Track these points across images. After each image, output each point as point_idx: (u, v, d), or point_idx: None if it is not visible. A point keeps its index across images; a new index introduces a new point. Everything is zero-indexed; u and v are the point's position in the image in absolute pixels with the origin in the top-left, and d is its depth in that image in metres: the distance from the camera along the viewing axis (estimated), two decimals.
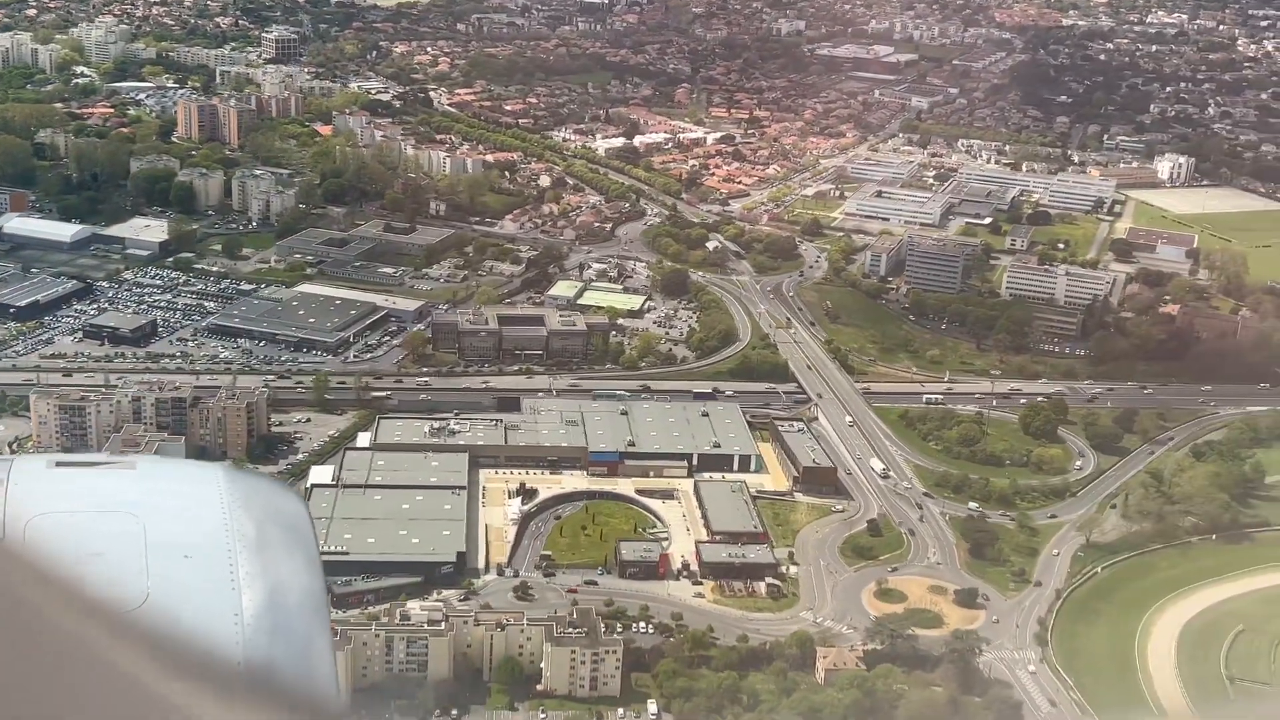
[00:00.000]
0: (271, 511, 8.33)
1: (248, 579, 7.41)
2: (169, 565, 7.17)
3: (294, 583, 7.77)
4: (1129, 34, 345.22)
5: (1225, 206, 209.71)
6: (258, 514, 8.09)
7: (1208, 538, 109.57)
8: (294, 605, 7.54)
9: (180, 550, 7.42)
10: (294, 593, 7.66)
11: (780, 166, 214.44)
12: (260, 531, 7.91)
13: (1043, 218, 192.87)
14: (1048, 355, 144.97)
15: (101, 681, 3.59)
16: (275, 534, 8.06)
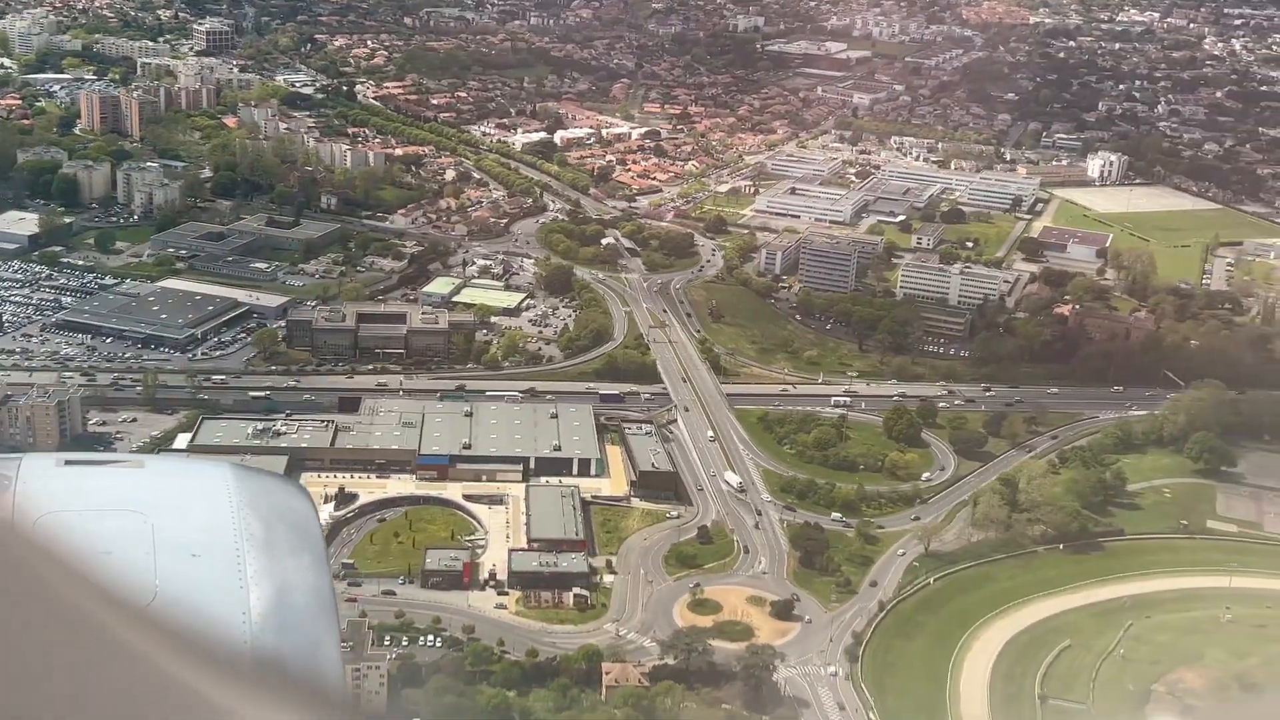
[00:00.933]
0: (279, 510, 8.33)
1: (255, 577, 7.40)
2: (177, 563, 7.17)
3: (301, 581, 7.78)
4: (1095, 32, 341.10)
5: (1153, 205, 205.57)
6: (265, 512, 8.10)
7: (1055, 548, 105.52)
8: (301, 603, 7.55)
9: (188, 549, 7.43)
10: (301, 591, 7.68)
11: (701, 163, 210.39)
12: (268, 530, 7.91)
13: (957, 216, 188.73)
14: (932, 357, 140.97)
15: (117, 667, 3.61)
16: (283, 532, 8.06)
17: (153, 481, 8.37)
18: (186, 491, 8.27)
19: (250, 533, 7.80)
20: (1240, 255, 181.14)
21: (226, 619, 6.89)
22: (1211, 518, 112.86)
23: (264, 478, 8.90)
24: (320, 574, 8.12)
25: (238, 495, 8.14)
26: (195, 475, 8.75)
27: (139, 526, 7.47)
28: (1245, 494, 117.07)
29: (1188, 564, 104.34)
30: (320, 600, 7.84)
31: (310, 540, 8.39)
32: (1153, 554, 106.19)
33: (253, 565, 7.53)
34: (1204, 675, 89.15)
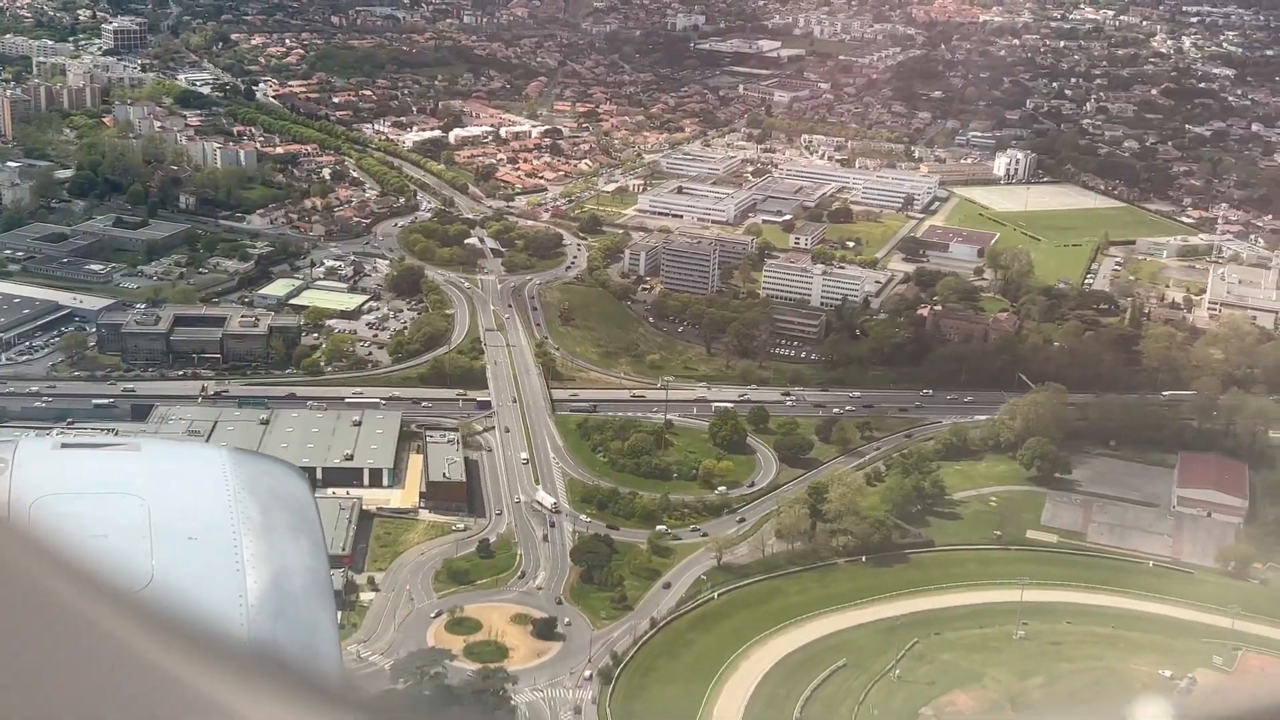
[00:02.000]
0: (276, 493, 8.26)
1: (252, 561, 7.36)
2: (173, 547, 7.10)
3: (299, 565, 7.73)
4: (1043, 30, 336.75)
5: (1055, 204, 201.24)
6: (263, 496, 8.03)
7: (857, 560, 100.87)
8: (299, 587, 7.52)
9: (185, 532, 7.37)
10: (299, 575, 7.63)
11: (596, 161, 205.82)
12: (265, 514, 7.84)
13: (844, 215, 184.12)
14: (782, 360, 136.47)
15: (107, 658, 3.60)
16: (280, 516, 7.99)
17: (149, 465, 8.27)
18: (183, 475, 8.19)
19: (247, 516, 7.73)
20: (1130, 255, 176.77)
21: (223, 603, 6.81)
22: (1034, 528, 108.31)
23: (261, 461, 8.85)
24: (317, 558, 8.05)
25: (234, 479, 8.06)
26: (192, 458, 8.72)
27: (135, 510, 7.39)
28: (1075, 502, 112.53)
29: (993, 577, 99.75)
30: (317, 584, 7.79)
31: (307, 524, 8.31)
32: (959, 566, 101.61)
33: (249, 549, 7.47)
34: (978, 697, 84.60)
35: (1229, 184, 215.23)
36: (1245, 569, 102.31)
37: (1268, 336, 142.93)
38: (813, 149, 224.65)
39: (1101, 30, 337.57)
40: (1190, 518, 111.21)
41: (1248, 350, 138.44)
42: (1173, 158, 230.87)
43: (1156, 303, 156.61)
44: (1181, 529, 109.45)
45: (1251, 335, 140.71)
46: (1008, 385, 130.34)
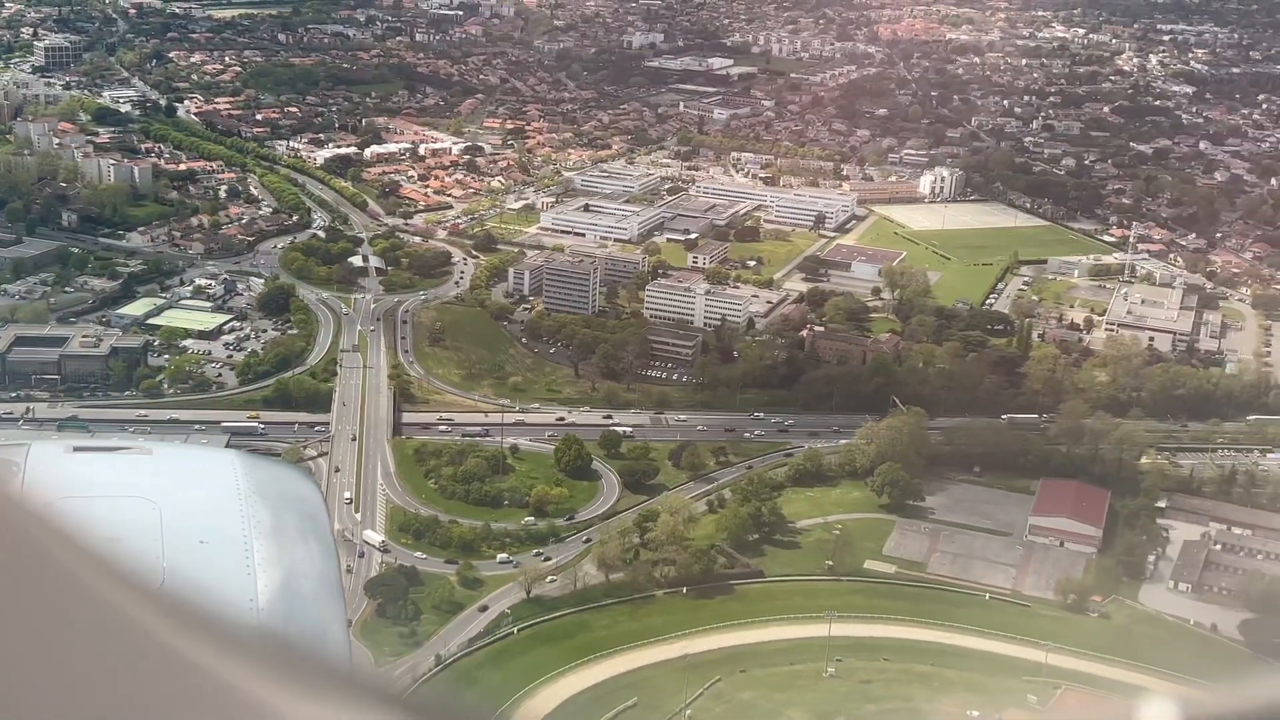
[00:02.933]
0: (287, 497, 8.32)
1: (263, 564, 7.37)
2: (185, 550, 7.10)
3: (309, 568, 7.77)
4: (1007, 48, 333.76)
5: (976, 222, 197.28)
6: (273, 500, 8.04)
7: (678, 591, 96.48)
8: (309, 590, 7.54)
9: (196, 535, 7.39)
10: (309, 578, 7.66)
11: (510, 179, 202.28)
12: (276, 517, 7.85)
13: (751, 234, 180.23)
14: (652, 382, 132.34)
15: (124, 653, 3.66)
16: (290, 519, 8.02)
17: (161, 468, 8.27)
18: (194, 478, 8.21)
19: (258, 520, 7.72)
20: (1040, 274, 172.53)
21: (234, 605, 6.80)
22: (874, 558, 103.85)
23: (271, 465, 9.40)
24: (327, 561, 8.06)
25: (245, 483, 8.05)
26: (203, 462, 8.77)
27: (147, 513, 7.37)
28: (924, 531, 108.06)
29: (818, 610, 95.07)
30: (327, 587, 7.82)
31: (317, 527, 8.34)
32: (785, 599, 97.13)
33: (260, 552, 7.48)
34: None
35: (1161, 202, 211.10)
36: (1084, 602, 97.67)
37: (1156, 358, 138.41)
38: (739, 167, 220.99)
39: (1067, 48, 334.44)
40: (1042, 547, 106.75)
41: (1133, 372, 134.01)
42: (1109, 175, 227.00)
43: (1055, 324, 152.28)
44: (1030, 559, 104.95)
45: (1139, 357, 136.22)
46: (882, 409, 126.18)
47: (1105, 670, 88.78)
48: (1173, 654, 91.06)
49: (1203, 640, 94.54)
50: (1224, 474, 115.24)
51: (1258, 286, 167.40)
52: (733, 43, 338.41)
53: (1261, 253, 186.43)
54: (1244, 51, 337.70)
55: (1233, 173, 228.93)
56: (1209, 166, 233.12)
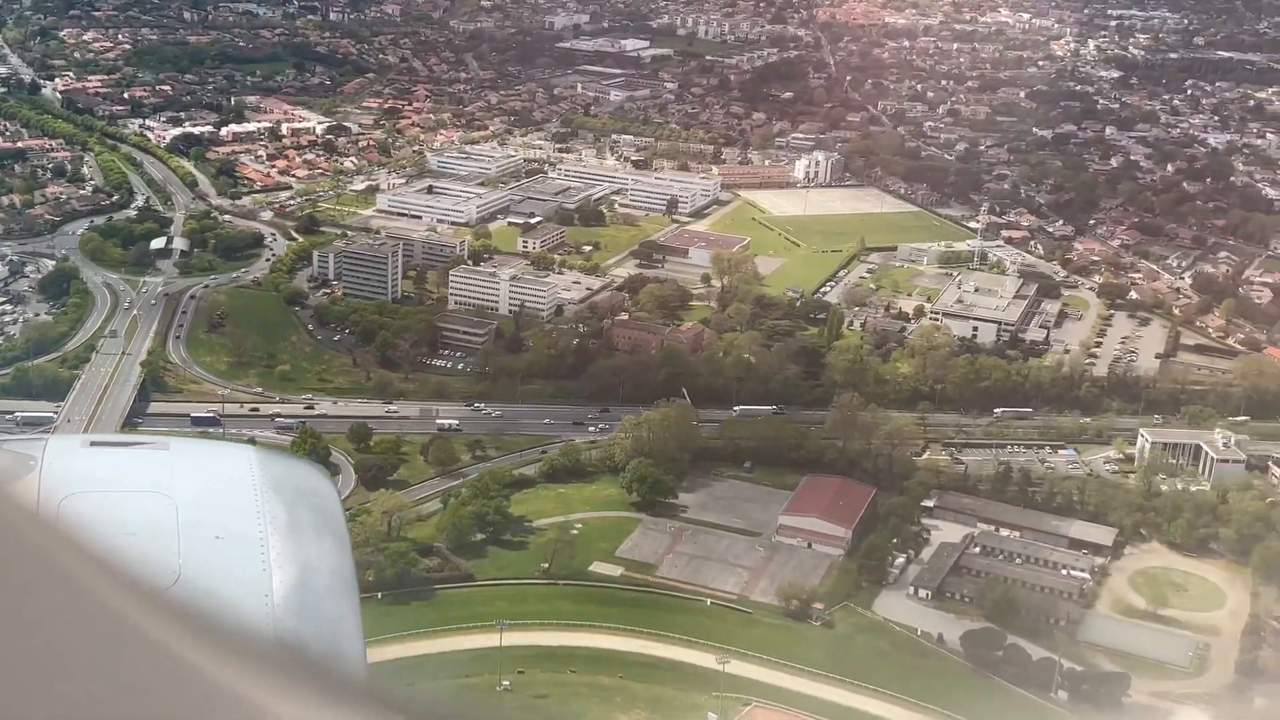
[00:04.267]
0: (302, 493, 8.30)
1: (278, 560, 7.41)
2: (200, 546, 7.19)
3: (324, 564, 7.76)
4: (943, 32, 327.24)
5: (843, 208, 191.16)
6: (289, 495, 8.07)
7: (372, 596, 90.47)
8: (324, 587, 7.55)
9: (212, 531, 7.45)
10: (324, 574, 7.67)
11: (366, 159, 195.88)
12: (291, 513, 7.89)
13: (597, 218, 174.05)
14: (435, 371, 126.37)
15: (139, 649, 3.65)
16: (306, 515, 8.04)
17: (177, 463, 8.32)
18: (210, 474, 8.26)
19: (273, 516, 7.77)
20: (886, 261, 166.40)
21: (249, 601, 6.79)
22: (605, 559, 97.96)
23: (287, 461, 9.02)
24: (343, 557, 8.08)
25: (261, 478, 8.12)
26: (219, 458, 8.78)
27: (163, 508, 7.40)
28: (668, 531, 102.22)
29: (524, 616, 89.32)
30: (343, 583, 7.81)
31: (333, 524, 8.35)
32: (488, 605, 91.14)
33: (275, 548, 7.51)
34: None
35: (1043, 188, 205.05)
36: (806, 609, 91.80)
37: (968, 349, 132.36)
38: (615, 150, 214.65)
39: (1004, 33, 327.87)
40: (788, 549, 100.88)
41: (940, 364, 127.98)
42: (998, 161, 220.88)
43: (882, 313, 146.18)
44: (770, 562, 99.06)
45: (946, 348, 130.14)
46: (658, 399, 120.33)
47: (804, 684, 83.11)
48: (885, 667, 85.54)
49: (922, 652, 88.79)
50: (999, 472, 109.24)
51: (1108, 275, 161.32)
52: (660, 25, 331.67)
53: (1130, 240, 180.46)
54: (1187, 37, 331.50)
55: (1130, 159, 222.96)
56: (1107, 152, 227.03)
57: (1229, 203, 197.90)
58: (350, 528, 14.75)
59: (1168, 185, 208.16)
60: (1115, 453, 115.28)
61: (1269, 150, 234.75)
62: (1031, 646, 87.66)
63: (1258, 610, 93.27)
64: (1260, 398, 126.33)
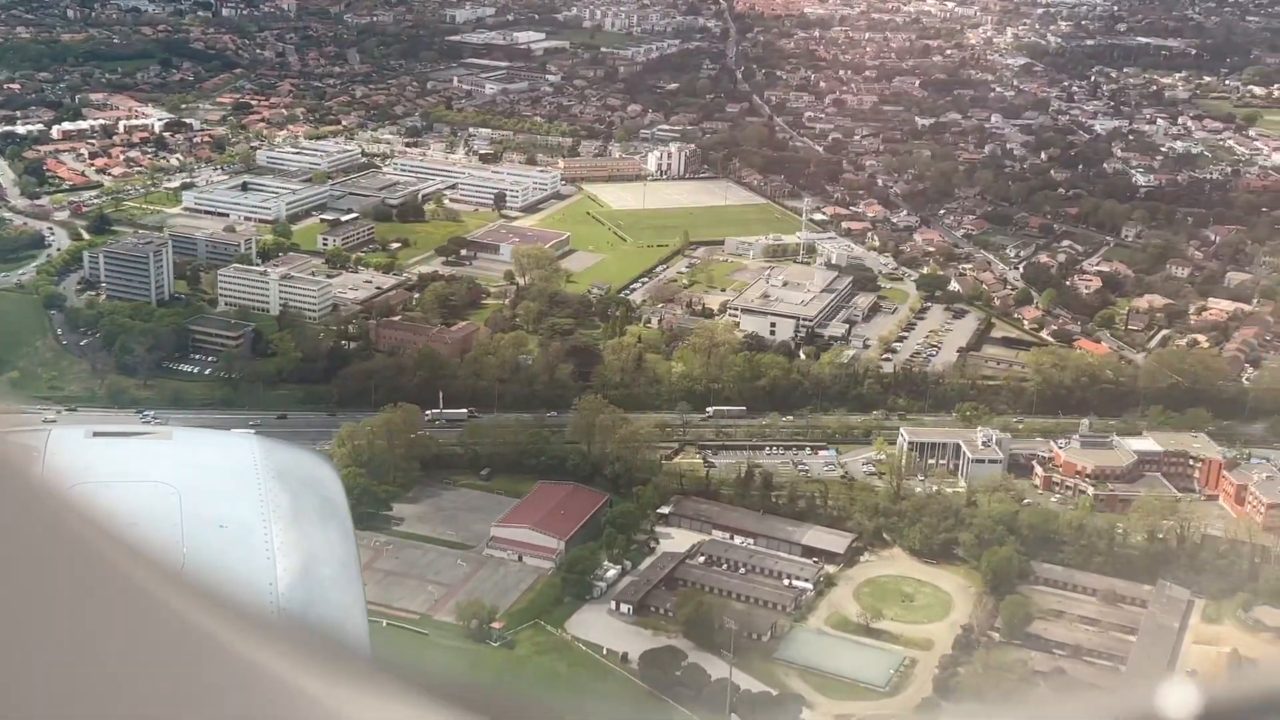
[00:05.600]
0: (306, 481, 8.39)
1: (282, 549, 7.43)
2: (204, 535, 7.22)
3: (328, 553, 7.79)
4: (859, 23, 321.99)
5: (688, 201, 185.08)
6: (293, 484, 8.13)
7: None
8: (328, 575, 7.59)
9: (216, 520, 7.50)
10: (328, 562, 7.68)
11: (197, 156, 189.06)
12: (295, 501, 7.93)
13: (415, 213, 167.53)
14: (176, 376, 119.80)
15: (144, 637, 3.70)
16: (310, 504, 8.11)
17: (181, 453, 8.35)
18: (214, 463, 8.25)
19: (277, 504, 7.80)
20: (710, 255, 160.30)
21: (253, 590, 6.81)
22: None
23: (291, 450, 8.92)
24: (347, 546, 8.09)
25: (265, 467, 8.13)
26: (222, 447, 8.77)
27: (167, 498, 7.41)
28: (372, 545, 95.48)
29: None
30: (347, 572, 7.83)
31: (336, 512, 8.36)
32: None
33: (279, 537, 7.53)
34: None
35: (905, 178, 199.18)
36: (484, 629, 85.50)
37: (753, 345, 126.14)
38: (466, 143, 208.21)
39: (920, 21, 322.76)
40: (497, 562, 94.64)
41: (718, 362, 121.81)
42: (867, 151, 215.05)
43: (682, 309, 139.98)
44: (472, 577, 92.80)
45: (726, 345, 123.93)
46: (432, 404, 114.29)
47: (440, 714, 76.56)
48: (550, 692, 79.17)
49: (600, 673, 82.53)
50: (741, 475, 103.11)
51: (934, 267, 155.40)
52: (567, 18, 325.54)
53: (975, 229, 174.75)
54: (1111, 23, 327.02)
55: (1006, 147, 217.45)
56: (982, 141, 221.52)
57: (1090, 190, 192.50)
58: None
59: (1036, 173, 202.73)
60: (876, 453, 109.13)
61: (1155, 136, 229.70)
62: (713, 666, 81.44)
63: (975, 621, 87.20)
64: (1054, 392, 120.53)
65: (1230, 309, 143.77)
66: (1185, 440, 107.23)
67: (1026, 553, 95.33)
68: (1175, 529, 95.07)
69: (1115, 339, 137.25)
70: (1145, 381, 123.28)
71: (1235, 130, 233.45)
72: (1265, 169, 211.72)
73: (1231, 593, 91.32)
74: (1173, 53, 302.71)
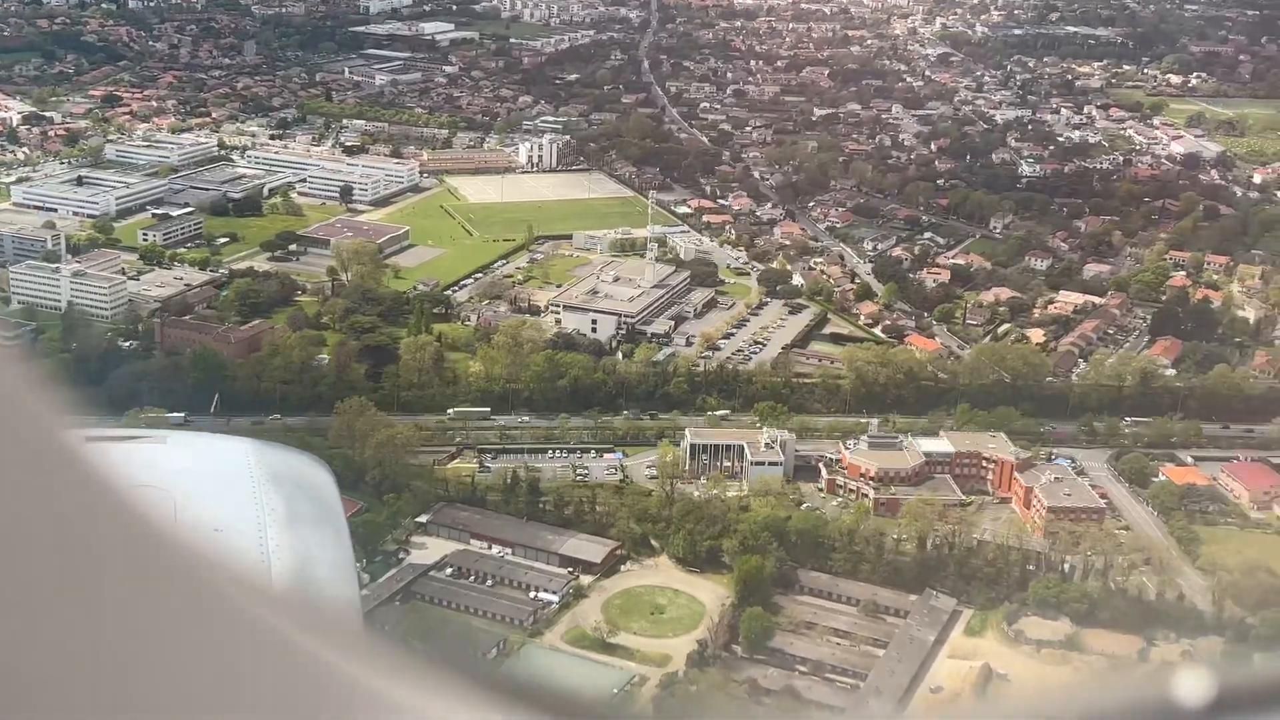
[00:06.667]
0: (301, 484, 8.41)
1: (277, 551, 7.44)
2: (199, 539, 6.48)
3: (323, 555, 7.84)
4: (785, 13, 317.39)
5: (551, 193, 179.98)
6: (287, 487, 8.14)
7: None
8: (323, 577, 7.61)
9: (211, 523, 7.40)
10: (323, 564, 7.73)
11: (46, 149, 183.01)
12: (289, 504, 7.91)
13: (253, 207, 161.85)
14: None
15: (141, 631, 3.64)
16: (304, 507, 8.09)
17: (175, 456, 8.19)
18: (209, 467, 8.23)
19: (272, 507, 7.75)
20: (555, 249, 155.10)
21: None
22: None
23: (285, 453, 9.05)
24: (341, 548, 8.11)
25: (259, 470, 8.10)
26: (217, 451, 8.79)
27: (161, 502, 7.22)
28: None
29: None
30: (341, 573, 7.83)
31: (331, 515, 8.57)
32: None
33: (274, 539, 7.50)
34: None
35: (785, 170, 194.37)
36: None
37: (556, 344, 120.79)
38: (333, 136, 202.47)
39: (848, 11, 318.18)
40: None
41: (520, 362, 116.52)
42: (752, 142, 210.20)
43: (506, 307, 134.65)
44: None
45: (529, 344, 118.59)
46: (205, 410, 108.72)
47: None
48: None
49: None
50: (507, 481, 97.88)
51: (782, 261, 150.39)
52: (484, 8, 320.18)
53: (840, 222, 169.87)
54: (1043, 13, 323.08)
55: (898, 138, 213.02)
56: (874, 132, 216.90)
57: (971, 181, 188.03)
58: None
59: (921, 163, 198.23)
60: (662, 456, 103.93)
61: (1055, 126, 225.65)
62: None
63: (709, 636, 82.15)
64: (869, 390, 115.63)
65: (1080, 302, 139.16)
66: (982, 440, 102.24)
67: (795, 560, 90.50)
68: (946, 535, 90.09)
69: (952, 334, 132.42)
70: (968, 378, 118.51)
71: (1140, 119, 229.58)
72: (1159, 158, 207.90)
73: (999, 603, 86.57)
74: (1100, 41, 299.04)
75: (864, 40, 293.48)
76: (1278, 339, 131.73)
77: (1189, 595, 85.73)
